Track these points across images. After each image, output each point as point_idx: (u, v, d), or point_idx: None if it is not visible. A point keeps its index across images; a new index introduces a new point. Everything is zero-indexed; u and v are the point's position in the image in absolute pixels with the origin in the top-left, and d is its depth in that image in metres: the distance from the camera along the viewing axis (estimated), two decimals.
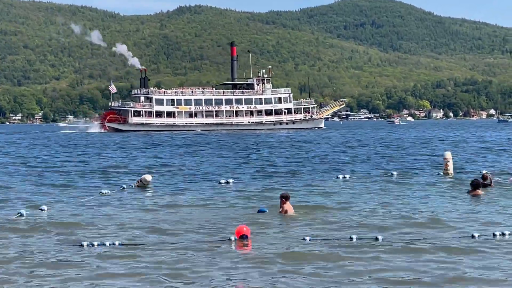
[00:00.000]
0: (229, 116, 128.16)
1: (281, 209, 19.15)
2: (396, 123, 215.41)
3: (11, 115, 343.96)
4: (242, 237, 15.15)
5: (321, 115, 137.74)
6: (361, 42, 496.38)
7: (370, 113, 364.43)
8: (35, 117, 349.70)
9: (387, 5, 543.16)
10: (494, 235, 15.49)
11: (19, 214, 18.86)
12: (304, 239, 15.27)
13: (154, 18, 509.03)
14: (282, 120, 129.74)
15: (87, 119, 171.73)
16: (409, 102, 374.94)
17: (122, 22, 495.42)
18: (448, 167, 29.88)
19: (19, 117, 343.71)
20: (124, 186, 26.19)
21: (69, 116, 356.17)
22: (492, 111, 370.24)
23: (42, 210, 20.08)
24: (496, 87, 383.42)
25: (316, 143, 69.01)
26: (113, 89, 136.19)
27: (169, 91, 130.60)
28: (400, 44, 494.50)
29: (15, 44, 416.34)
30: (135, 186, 26.52)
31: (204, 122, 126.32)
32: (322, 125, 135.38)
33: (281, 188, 25.61)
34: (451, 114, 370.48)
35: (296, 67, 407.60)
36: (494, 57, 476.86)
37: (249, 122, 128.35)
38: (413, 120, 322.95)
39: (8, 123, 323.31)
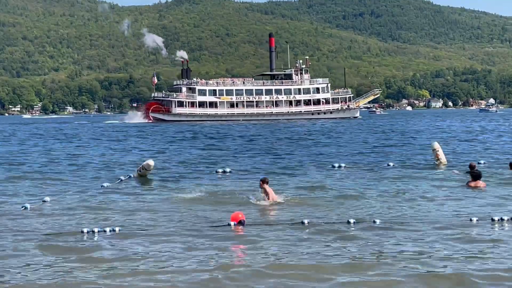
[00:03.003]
0: (269, 106, 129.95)
1: (265, 196, 19.35)
2: (377, 113, 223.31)
3: (10, 106, 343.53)
4: (240, 222, 15.43)
5: (357, 105, 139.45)
6: (360, 32, 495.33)
7: (369, 103, 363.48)
8: (34, 109, 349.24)
9: None
10: (492, 220, 15.71)
11: (23, 208, 18.95)
12: (302, 222, 15.47)
13: (153, 9, 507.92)
14: (320, 110, 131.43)
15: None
16: (408, 91, 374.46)
17: (120, 13, 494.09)
18: (440, 157, 29.92)
19: (18, 109, 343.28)
20: (122, 178, 26.07)
21: (68, 107, 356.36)
22: (492, 100, 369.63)
23: (44, 201, 20.21)
24: (495, 76, 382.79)
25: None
26: (154, 80, 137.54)
27: (211, 82, 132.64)
28: (399, 34, 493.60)
29: (14, 35, 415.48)
30: (135, 175, 26.53)
31: (245, 112, 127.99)
32: (357, 114, 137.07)
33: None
34: (450, 103, 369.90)
35: (295, 57, 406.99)
36: (493, 46, 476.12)
37: (288, 112, 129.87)
38: (411, 109, 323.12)
39: (7, 114, 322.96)
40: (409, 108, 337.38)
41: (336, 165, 29.73)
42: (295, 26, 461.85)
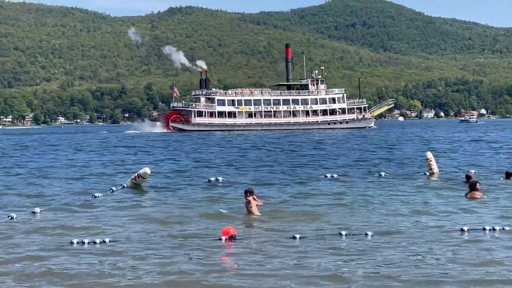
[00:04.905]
0: (286, 116, 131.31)
1: (250, 206, 19.07)
2: None
3: (1, 117, 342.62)
4: (232, 237, 15.26)
5: (372, 115, 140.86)
6: (352, 43, 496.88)
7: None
8: (26, 119, 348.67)
9: (377, 5, 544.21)
10: (484, 229, 15.61)
11: (9, 218, 18.63)
12: (294, 237, 15.28)
13: (145, 19, 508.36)
14: (336, 120, 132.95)
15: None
16: (400, 102, 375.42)
17: (113, 23, 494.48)
18: (432, 166, 29.94)
19: (10, 119, 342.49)
20: (114, 188, 25.82)
21: (60, 117, 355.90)
22: (483, 111, 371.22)
23: (34, 213, 19.84)
24: (486, 87, 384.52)
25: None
26: (176, 93, 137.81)
27: (229, 92, 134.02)
28: (391, 44, 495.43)
29: (5, 46, 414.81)
30: (129, 185, 26.33)
31: (263, 122, 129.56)
32: (372, 124, 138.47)
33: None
34: (442, 114, 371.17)
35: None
36: (484, 57, 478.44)
37: (305, 122, 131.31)
38: (403, 119, 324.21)
39: None
40: (401, 118, 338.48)
41: (329, 175, 29.63)
42: (287, 37, 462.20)
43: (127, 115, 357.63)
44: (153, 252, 13.89)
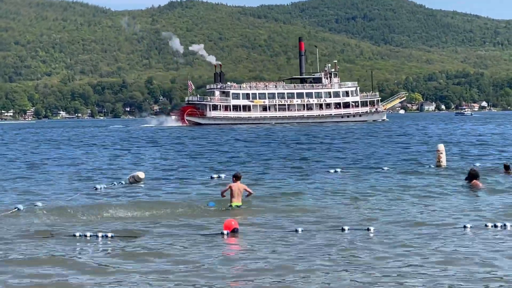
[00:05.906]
0: (300, 109, 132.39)
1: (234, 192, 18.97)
2: None
3: (2, 111, 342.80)
4: (233, 230, 15.25)
5: (385, 108, 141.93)
6: (353, 36, 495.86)
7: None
8: (27, 114, 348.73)
9: None
10: (486, 225, 15.66)
11: (16, 209, 18.75)
12: (296, 230, 15.35)
13: (145, 13, 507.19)
14: (350, 113, 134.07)
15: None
16: None
17: (113, 17, 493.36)
18: (441, 159, 30.09)
19: (11, 114, 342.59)
20: (115, 183, 26.01)
21: (61, 112, 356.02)
22: (484, 103, 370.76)
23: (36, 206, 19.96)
24: (487, 80, 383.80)
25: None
26: (191, 87, 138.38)
27: (244, 85, 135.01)
28: (392, 37, 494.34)
29: (6, 40, 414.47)
30: (127, 182, 26.47)
31: (278, 115, 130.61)
32: (385, 117, 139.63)
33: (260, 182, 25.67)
34: (443, 106, 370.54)
35: (288, 61, 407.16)
36: (485, 50, 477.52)
37: (319, 115, 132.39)
38: (404, 112, 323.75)
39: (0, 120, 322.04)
40: (402, 111, 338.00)
41: (332, 170, 29.62)
42: (288, 30, 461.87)
43: (128, 109, 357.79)
44: (154, 247, 13.97)
